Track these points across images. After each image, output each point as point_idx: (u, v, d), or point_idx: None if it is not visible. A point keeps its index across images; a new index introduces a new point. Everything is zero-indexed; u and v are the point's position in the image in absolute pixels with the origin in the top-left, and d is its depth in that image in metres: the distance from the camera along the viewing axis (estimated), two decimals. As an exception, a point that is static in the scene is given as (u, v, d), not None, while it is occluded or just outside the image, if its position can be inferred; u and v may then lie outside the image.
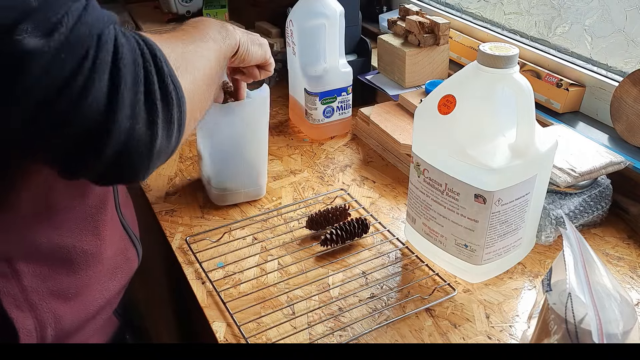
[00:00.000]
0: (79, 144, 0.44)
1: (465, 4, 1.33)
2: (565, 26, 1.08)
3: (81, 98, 0.42)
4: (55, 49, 0.41)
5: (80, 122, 0.43)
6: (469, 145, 0.69)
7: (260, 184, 0.94)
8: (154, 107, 0.47)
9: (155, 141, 0.48)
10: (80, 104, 0.42)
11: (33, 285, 0.58)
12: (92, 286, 0.65)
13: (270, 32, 1.40)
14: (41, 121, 0.42)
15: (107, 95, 0.44)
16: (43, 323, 0.60)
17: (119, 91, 0.44)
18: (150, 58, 0.47)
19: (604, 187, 0.86)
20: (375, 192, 0.97)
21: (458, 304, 0.74)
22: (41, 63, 0.41)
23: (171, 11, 1.61)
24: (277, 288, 0.77)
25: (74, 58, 0.42)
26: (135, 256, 0.73)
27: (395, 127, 1.04)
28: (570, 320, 0.53)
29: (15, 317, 0.57)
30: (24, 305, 0.58)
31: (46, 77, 0.41)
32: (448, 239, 0.76)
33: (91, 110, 0.43)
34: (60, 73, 0.41)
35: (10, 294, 0.57)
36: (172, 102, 0.49)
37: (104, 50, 0.44)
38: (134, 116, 0.45)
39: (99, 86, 0.43)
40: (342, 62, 1.08)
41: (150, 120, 0.47)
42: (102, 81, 0.43)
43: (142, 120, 0.46)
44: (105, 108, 0.43)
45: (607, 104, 0.97)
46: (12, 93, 0.41)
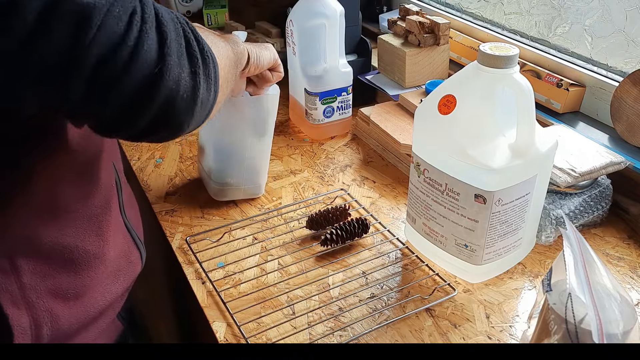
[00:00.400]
0: (135, 94, 0.46)
1: (465, 4, 1.33)
2: (566, 26, 1.08)
3: (137, 50, 0.45)
4: (109, 3, 0.43)
5: (137, 73, 0.45)
6: (469, 145, 0.69)
7: (260, 182, 0.94)
8: (194, 59, 0.51)
9: (198, 90, 0.51)
10: (137, 55, 0.45)
11: (32, 283, 0.58)
12: (93, 288, 0.64)
13: (270, 32, 1.40)
14: (101, 75, 0.44)
15: (158, 46, 0.47)
16: (38, 322, 0.59)
17: (167, 42, 0.47)
18: (185, 23, 0.52)
19: (604, 187, 0.86)
20: (376, 192, 0.97)
21: (458, 304, 0.74)
22: (99, 17, 0.42)
23: (171, 11, 1.61)
24: (277, 288, 0.77)
25: (126, 13, 0.44)
26: (138, 259, 0.73)
27: (395, 127, 1.04)
28: (570, 321, 0.53)
29: (10, 314, 0.57)
30: (21, 303, 0.58)
31: (104, 31, 0.43)
32: (448, 239, 0.76)
33: (146, 60, 0.46)
34: (115, 27, 0.44)
35: (8, 290, 0.57)
36: (208, 58, 0.53)
37: (148, 7, 0.47)
38: (181, 65, 0.49)
39: (151, 37, 0.46)
40: (342, 62, 1.08)
41: (193, 70, 0.51)
42: (152, 33, 0.46)
43: (186, 70, 0.50)
44: (157, 57, 0.47)
45: (607, 104, 0.97)
46: (74, 47, 0.42)
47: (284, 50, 1.24)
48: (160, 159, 1.06)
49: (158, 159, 1.06)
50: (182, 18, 0.52)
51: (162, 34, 0.47)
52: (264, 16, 1.49)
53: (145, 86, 0.46)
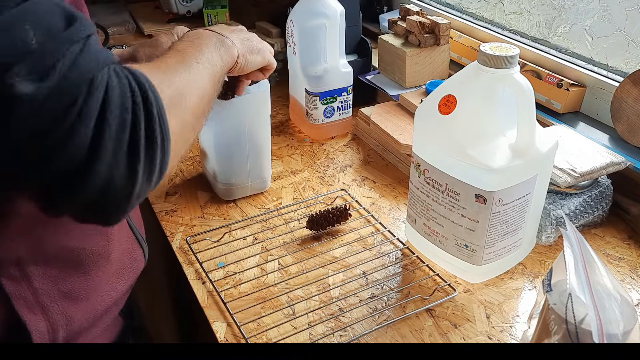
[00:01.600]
0: (57, 186, 0.44)
1: (465, 4, 1.33)
2: (566, 26, 1.08)
3: (64, 144, 0.42)
4: (45, 95, 0.41)
5: (61, 166, 0.43)
6: (470, 146, 0.69)
7: (265, 176, 0.95)
8: (136, 154, 0.47)
9: (134, 187, 0.47)
10: (63, 149, 0.43)
11: (44, 287, 0.59)
12: (101, 287, 0.65)
13: (270, 32, 1.40)
14: (24, 162, 0.43)
15: (90, 143, 0.44)
16: (55, 325, 0.60)
17: (102, 140, 0.44)
18: (141, 101, 0.47)
19: (604, 187, 0.86)
20: (376, 192, 0.97)
21: (458, 304, 0.74)
22: (30, 107, 0.41)
23: (172, 11, 1.61)
24: (277, 288, 0.77)
25: (62, 104, 0.42)
26: (141, 256, 0.74)
27: (395, 127, 1.04)
28: (570, 321, 0.53)
29: (27, 320, 0.58)
30: (36, 308, 0.59)
31: (33, 120, 0.41)
32: (448, 239, 0.76)
33: (72, 155, 0.43)
34: (47, 118, 0.42)
35: (22, 296, 0.57)
36: (156, 147, 0.48)
37: (93, 98, 0.44)
38: (115, 164, 0.45)
39: (83, 133, 0.43)
40: (343, 62, 1.08)
41: (131, 167, 0.46)
42: (87, 128, 0.43)
43: (122, 166, 0.46)
44: (86, 155, 0.43)
45: (607, 104, 0.97)
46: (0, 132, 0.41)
47: (284, 50, 1.24)
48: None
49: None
50: (144, 93, 0.48)
51: (99, 130, 0.44)
52: (264, 16, 1.49)
53: (72, 176, 0.44)
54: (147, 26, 1.59)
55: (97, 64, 0.45)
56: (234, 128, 0.88)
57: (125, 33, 1.59)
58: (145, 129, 0.47)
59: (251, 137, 0.90)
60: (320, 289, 0.77)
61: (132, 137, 0.46)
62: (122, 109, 0.46)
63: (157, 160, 0.49)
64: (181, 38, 0.66)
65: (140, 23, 1.61)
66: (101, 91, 0.44)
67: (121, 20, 1.62)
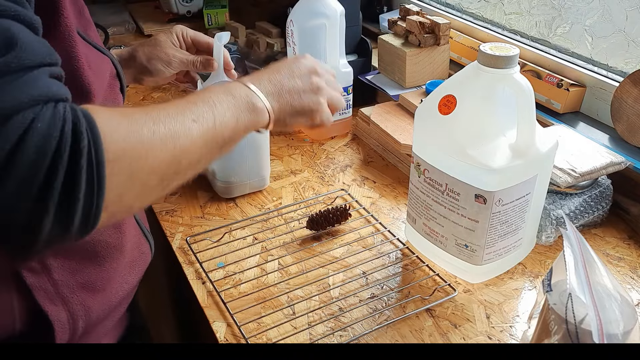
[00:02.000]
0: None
1: (465, 4, 1.33)
2: (566, 26, 1.08)
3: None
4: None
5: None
6: (470, 146, 0.69)
7: (264, 174, 0.96)
8: (45, 205, 0.42)
9: (38, 234, 0.43)
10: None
11: (63, 279, 0.60)
12: (115, 278, 0.67)
13: (270, 32, 1.40)
14: None
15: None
16: (75, 315, 0.62)
17: (4, 180, 0.40)
18: (67, 148, 0.42)
19: (604, 187, 0.86)
20: (376, 192, 0.97)
21: (458, 304, 0.74)
22: None
23: (172, 11, 1.61)
24: (277, 288, 0.77)
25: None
26: (148, 250, 0.75)
27: (395, 127, 1.04)
28: (570, 321, 0.53)
29: (49, 311, 0.59)
30: (57, 299, 0.60)
31: None
32: (448, 239, 0.76)
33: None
34: None
35: (43, 288, 0.59)
36: (76, 199, 0.43)
37: (3, 137, 0.40)
38: (14, 208, 0.42)
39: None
40: (343, 62, 1.08)
41: (35, 216, 0.42)
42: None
43: (23, 212, 0.42)
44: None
45: (607, 104, 0.97)
46: None
47: (284, 50, 1.24)
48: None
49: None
50: (74, 135, 0.43)
51: (3, 169, 0.40)
52: (264, 16, 1.49)
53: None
54: (147, 26, 1.59)
55: (26, 99, 0.41)
56: None
57: (125, 33, 1.59)
58: (64, 178, 0.42)
59: (249, 136, 0.90)
60: (320, 289, 0.77)
61: (44, 185, 0.42)
62: (39, 154, 0.41)
63: (75, 213, 0.44)
64: (210, 87, 0.60)
65: (140, 23, 1.61)
66: (16, 130, 0.41)
67: (121, 20, 1.62)
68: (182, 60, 0.90)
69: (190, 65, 0.91)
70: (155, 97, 1.28)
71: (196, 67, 0.91)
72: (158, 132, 0.50)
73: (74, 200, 0.43)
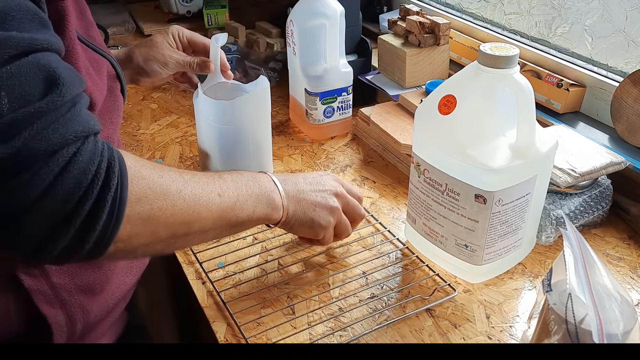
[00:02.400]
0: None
1: (465, 4, 1.33)
2: (566, 26, 1.08)
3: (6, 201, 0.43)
4: (2, 158, 0.42)
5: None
6: (470, 146, 0.69)
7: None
8: (68, 227, 0.46)
9: (52, 249, 0.47)
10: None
11: (62, 282, 0.60)
12: (112, 280, 0.67)
13: (270, 32, 1.40)
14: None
15: (31, 203, 0.44)
16: (73, 318, 0.62)
17: (43, 205, 0.45)
18: (99, 184, 0.47)
19: (604, 187, 0.86)
20: (376, 192, 0.97)
21: (458, 304, 0.74)
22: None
23: (172, 11, 1.61)
24: (277, 288, 0.77)
25: (17, 170, 0.43)
26: None
27: (395, 127, 1.04)
28: (570, 321, 0.53)
29: (48, 314, 0.59)
30: (55, 302, 0.60)
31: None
32: (448, 239, 0.76)
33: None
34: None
35: (41, 291, 0.59)
36: (93, 230, 0.48)
37: (47, 169, 0.44)
38: (47, 230, 0.46)
39: (27, 196, 0.44)
40: (343, 62, 1.08)
41: (58, 235, 0.46)
42: (33, 194, 0.44)
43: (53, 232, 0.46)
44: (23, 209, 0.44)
45: (607, 104, 0.97)
46: None
47: (284, 50, 1.24)
48: (160, 159, 1.06)
49: (158, 159, 1.06)
50: (108, 172, 0.48)
51: (44, 197, 0.44)
52: (264, 16, 1.49)
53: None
54: (147, 26, 1.59)
55: (71, 135, 0.45)
56: (235, 127, 0.88)
57: (125, 33, 1.59)
58: (90, 207, 0.47)
59: (252, 136, 0.90)
60: (320, 289, 0.76)
61: (72, 212, 0.46)
62: (75, 186, 0.46)
63: (89, 240, 0.48)
64: (241, 171, 0.66)
65: (140, 23, 1.61)
66: (60, 163, 0.45)
67: (121, 20, 1.62)
68: (179, 61, 0.91)
69: (186, 66, 0.91)
70: (155, 96, 1.28)
71: (192, 69, 0.91)
72: (184, 192, 0.55)
73: (92, 229, 0.47)
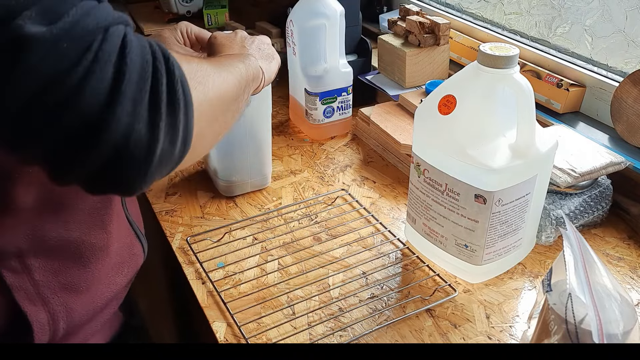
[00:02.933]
0: (72, 139, 0.41)
1: (465, 4, 1.33)
2: (566, 26, 1.08)
3: (79, 89, 0.40)
4: (56, 37, 0.40)
5: (76, 114, 0.40)
6: (469, 146, 0.69)
7: (266, 173, 0.96)
8: (158, 108, 0.44)
9: (156, 145, 0.44)
10: (78, 95, 0.40)
11: (44, 279, 0.59)
12: (100, 280, 0.66)
13: (270, 32, 1.40)
14: (35, 110, 0.40)
15: (109, 88, 0.41)
16: (56, 316, 0.61)
17: (122, 85, 0.41)
18: (162, 58, 0.45)
19: (604, 187, 0.86)
20: (376, 192, 0.97)
21: (458, 304, 0.74)
22: (41, 50, 0.39)
23: (172, 11, 1.61)
24: (277, 288, 0.77)
25: (76, 48, 0.40)
26: (140, 251, 0.74)
27: (395, 127, 1.04)
28: (570, 321, 0.53)
29: (28, 311, 0.58)
30: (37, 300, 0.59)
31: (44, 64, 0.39)
32: (448, 239, 0.76)
33: (89, 102, 0.40)
34: (59, 62, 0.40)
35: (23, 288, 0.58)
36: (179, 107, 0.46)
37: (109, 43, 0.42)
38: (135, 114, 0.42)
39: (100, 78, 0.41)
40: (343, 62, 1.08)
41: (152, 121, 0.43)
42: (104, 73, 0.41)
43: (143, 120, 0.43)
44: (104, 101, 0.41)
45: (607, 104, 0.97)
46: (9, 78, 0.39)
47: (284, 50, 1.24)
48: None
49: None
50: (165, 54, 0.46)
51: (119, 75, 0.42)
52: (264, 16, 1.49)
53: (88, 127, 0.41)
54: (147, 26, 1.59)
55: (113, 19, 0.43)
56: (235, 127, 0.88)
57: (125, 33, 1.59)
58: (167, 85, 0.44)
59: (252, 135, 0.91)
60: (320, 289, 0.77)
61: (153, 89, 0.44)
62: (143, 60, 0.43)
63: (180, 122, 0.46)
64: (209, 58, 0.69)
65: (140, 23, 1.61)
66: (118, 39, 0.42)
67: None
68: None
69: None
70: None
71: None
72: (204, 67, 0.54)
73: (176, 107, 0.45)
